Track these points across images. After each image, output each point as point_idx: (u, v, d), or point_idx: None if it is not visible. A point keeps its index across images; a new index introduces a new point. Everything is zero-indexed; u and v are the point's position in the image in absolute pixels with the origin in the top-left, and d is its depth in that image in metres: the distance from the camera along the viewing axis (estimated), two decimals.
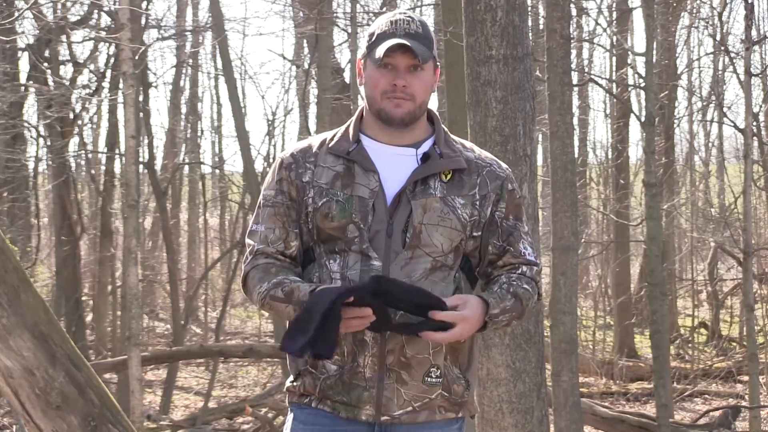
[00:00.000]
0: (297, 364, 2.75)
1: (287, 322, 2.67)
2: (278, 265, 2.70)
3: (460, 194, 2.70)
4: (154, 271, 20.80)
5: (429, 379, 2.67)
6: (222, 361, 15.86)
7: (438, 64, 2.75)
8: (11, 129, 14.45)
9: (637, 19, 21.72)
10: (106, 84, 16.17)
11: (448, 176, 2.71)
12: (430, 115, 2.79)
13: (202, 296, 20.55)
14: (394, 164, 2.70)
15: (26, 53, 15.41)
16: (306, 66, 16.02)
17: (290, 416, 2.78)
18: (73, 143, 17.08)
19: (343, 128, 2.80)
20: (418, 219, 2.65)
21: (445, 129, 2.80)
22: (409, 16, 2.68)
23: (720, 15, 12.97)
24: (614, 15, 16.34)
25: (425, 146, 2.73)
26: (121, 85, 11.85)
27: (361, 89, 2.78)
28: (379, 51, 2.63)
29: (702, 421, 10.91)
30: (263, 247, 2.73)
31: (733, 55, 13.31)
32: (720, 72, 18.09)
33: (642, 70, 11.80)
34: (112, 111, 15.72)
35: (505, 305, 2.67)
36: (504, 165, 2.82)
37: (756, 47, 14.58)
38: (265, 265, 2.70)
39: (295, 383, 2.76)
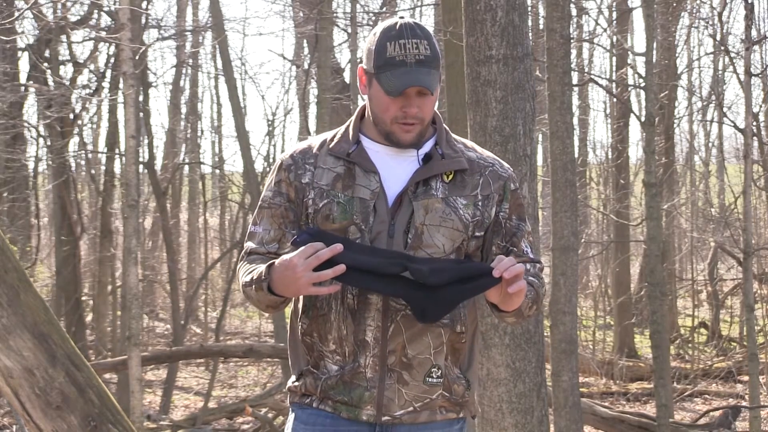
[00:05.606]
0: (299, 365, 2.76)
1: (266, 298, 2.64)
2: (262, 260, 2.69)
3: (462, 194, 2.69)
4: (154, 271, 20.80)
5: (430, 380, 2.67)
6: (222, 361, 15.88)
7: (441, 71, 2.70)
8: (11, 129, 14.45)
9: (637, 19, 21.79)
10: (106, 84, 16.19)
11: (450, 177, 2.70)
12: (432, 116, 2.77)
13: (202, 296, 20.55)
14: (395, 165, 2.69)
15: (26, 53, 15.41)
16: (306, 66, 16.03)
17: (291, 416, 2.78)
18: (73, 143, 17.12)
19: (342, 129, 2.78)
20: (419, 220, 2.64)
21: (447, 129, 2.78)
22: (417, 35, 2.60)
23: (720, 15, 12.96)
24: (614, 15, 16.36)
25: (426, 147, 2.72)
26: (121, 85, 11.86)
27: (362, 95, 2.75)
28: (392, 86, 2.57)
29: (702, 421, 10.92)
30: (257, 247, 2.74)
31: (733, 55, 13.31)
32: (720, 72, 18.11)
33: (642, 70, 11.81)
34: (112, 111, 15.73)
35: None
36: (506, 165, 2.81)
37: (756, 47, 14.58)
38: (252, 261, 2.71)
39: (296, 383, 2.76)
